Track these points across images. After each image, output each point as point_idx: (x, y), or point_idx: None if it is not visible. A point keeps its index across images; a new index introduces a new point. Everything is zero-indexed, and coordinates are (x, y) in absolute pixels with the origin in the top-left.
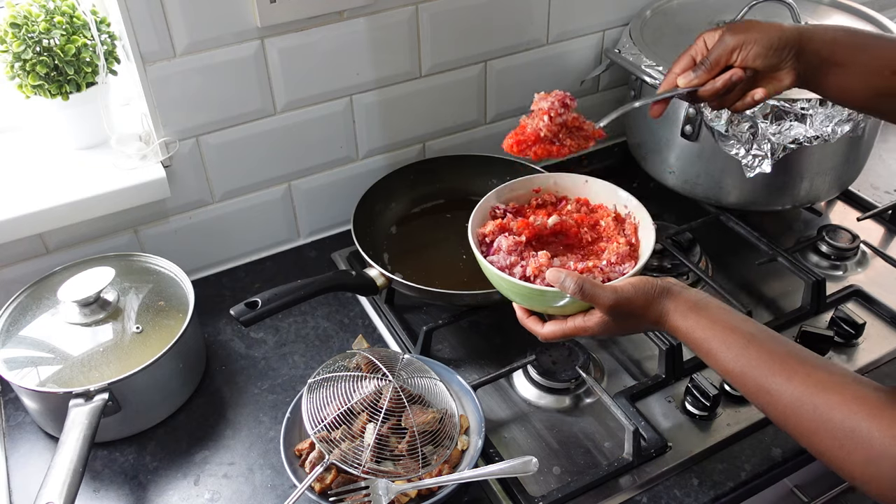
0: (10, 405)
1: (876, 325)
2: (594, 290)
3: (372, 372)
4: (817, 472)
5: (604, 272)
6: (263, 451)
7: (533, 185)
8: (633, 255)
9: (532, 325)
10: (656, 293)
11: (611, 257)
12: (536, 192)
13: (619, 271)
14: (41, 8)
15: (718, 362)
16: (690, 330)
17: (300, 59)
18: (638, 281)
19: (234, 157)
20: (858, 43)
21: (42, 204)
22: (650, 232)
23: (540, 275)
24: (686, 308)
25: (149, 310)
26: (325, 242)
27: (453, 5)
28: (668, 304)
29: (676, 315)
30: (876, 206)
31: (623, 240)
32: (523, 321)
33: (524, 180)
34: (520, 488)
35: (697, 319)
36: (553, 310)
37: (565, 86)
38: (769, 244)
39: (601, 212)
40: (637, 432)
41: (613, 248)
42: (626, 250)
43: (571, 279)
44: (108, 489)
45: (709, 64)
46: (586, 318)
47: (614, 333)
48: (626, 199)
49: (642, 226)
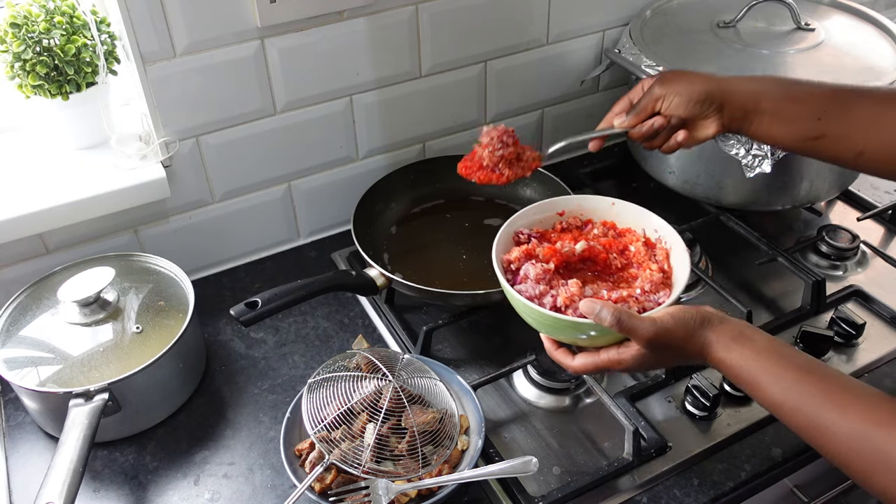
0: (10, 405)
1: (876, 325)
2: (632, 321)
3: (372, 372)
4: (817, 472)
5: (639, 301)
6: (263, 451)
7: (557, 207)
8: (667, 282)
9: (561, 358)
10: (696, 324)
11: (644, 285)
12: (560, 215)
13: (654, 300)
14: (41, 8)
15: (766, 396)
16: (735, 362)
17: (300, 59)
18: (677, 311)
19: (234, 157)
20: (783, 92)
21: (42, 204)
22: (684, 258)
23: (572, 305)
24: (729, 339)
25: (149, 310)
26: (325, 242)
27: (453, 5)
28: (709, 334)
29: (719, 346)
30: (876, 206)
31: (655, 266)
32: (551, 353)
33: (548, 203)
34: (520, 488)
35: (742, 351)
36: (584, 341)
37: (565, 86)
38: (769, 244)
39: (629, 236)
40: (637, 432)
41: (646, 275)
42: (660, 277)
43: (608, 310)
44: (108, 489)
45: (638, 109)
46: (621, 350)
47: (651, 367)
48: (656, 223)
49: (674, 251)
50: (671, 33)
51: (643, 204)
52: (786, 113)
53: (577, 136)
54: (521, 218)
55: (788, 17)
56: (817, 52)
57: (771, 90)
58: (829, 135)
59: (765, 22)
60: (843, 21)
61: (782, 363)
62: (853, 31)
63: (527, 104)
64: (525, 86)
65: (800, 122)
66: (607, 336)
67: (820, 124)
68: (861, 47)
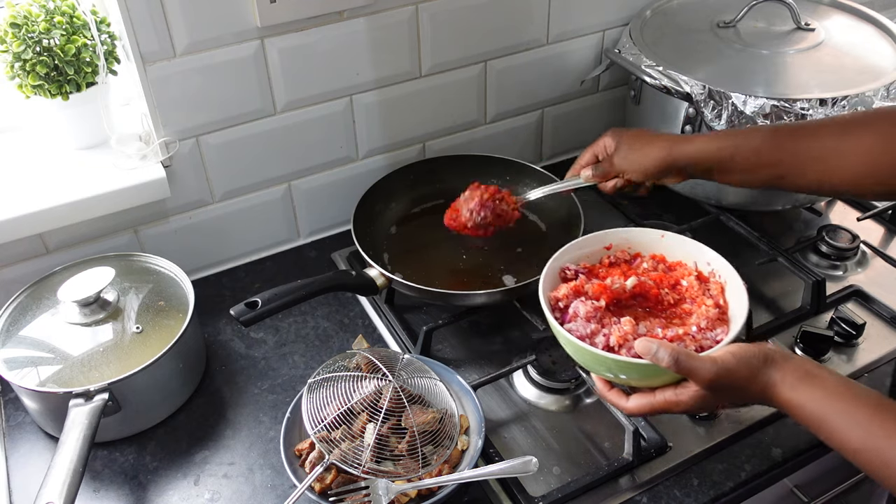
0: (10, 405)
1: (876, 325)
2: (691, 362)
3: (372, 372)
4: (817, 472)
5: (696, 340)
6: (263, 451)
7: (604, 241)
8: (723, 318)
9: (615, 399)
10: (759, 362)
11: (700, 322)
12: (607, 248)
13: (711, 338)
14: (41, 8)
15: (840, 439)
16: (803, 404)
17: (300, 59)
18: (738, 349)
19: (234, 157)
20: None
21: (42, 204)
22: (741, 292)
23: (625, 344)
24: (795, 378)
25: (149, 310)
26: (325, 242)
27: (453, 5)
28: (773, 374)
29: (785, 387)
30: (876, 206)
31: (710, 301)
32: (603, 394)
33: (594, 237)
34: (520, 488)
35: (811, 391)
36: (639, 382)
37: (565, 86)
38: (769, 244)
39: (681, 270)
40: (637, 432)
41: (702, 311)
42: (716, 313)
43: (665, 351)
44: (108, 489)
45: (600, 171)
46: (679, 391)
47: (710, 408)
48: (709, 256)
49: (730, 285)
50: (671, 33)
51: (643, 203)
52: (744, 168)
53: (553, 185)
54: (567, 253)
55: (788, 17)
56: (817, 52)
57: (726, 151)
58: (788, 175)
59: (765, 22)
60: (843, 21)
61: (854, 402)
62: (853, 31)
63: (527, 104)
64: (525, 86)
65: (759, 172)
66: (664, 376)
67: (779, 169)
68: (861, 47)
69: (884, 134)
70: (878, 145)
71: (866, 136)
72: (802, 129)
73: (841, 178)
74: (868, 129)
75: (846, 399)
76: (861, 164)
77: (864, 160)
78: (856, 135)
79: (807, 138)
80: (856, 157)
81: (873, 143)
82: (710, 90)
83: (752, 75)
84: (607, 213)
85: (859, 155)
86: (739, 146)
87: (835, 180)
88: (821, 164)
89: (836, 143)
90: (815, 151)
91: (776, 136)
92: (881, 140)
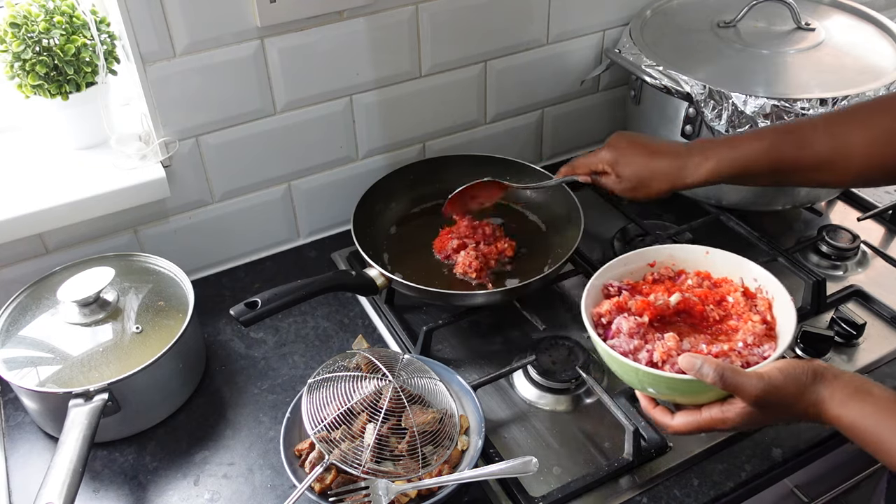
0: (10, 405)
1: (876, 325)
2: (737, 378)
3: (372, 372)
4: (818, 473)
5: (742, 356)
6: (263, 451)
7: (647, 258)
8: (770, 334)
9: (660, 417)
10: (808, 379)
11: (747, 338)
12: (651, 265)
13: (758, 354)
14: (41, 8)
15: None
16: (855, 420)
17: (300, 59)
18: (786, 365)
19: (234, 157)
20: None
21: (42, 204)
22: (789, 308)
23: (669, 360)
24: (845, 395)
25: (149, 310)
26: (325, 242)
27: (453, 5)
28: (822, 391)
29: (834, 403)
30: (876, 206)
31: (757, 317)
32: (648, 411)
33: (637, 254)
34: (520, 488)
35: (862, 407)
36: (684, 399)
37: (565, 86)
38: (769, 244)
39: (726, 286)
40: (637, 432)
41: (749, 327)
42: (763, 329)
43: (710, 366)
44: (107, 489)
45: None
46: (725, 408)
47: (758, 425)
48: (756, 272)
49: (778, 301)
50: (671, 33)
51: (643, 203)
52: (745, 180)
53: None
54: (610, 270)
55: (789, 17)
56: (817, 51)
57: (723, 170)
58: (785, 182)
59: (765, 22)
60: (844, 21)
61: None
62: (853, 30)
63: (527, 104)
64: (525, 86)
65: (760, 182)
66: (709, 393)
67: (777, 177)
68: (861, 47)
69: (886, 128)
70: (881, 137)
71: (872, 128)
72: (798, 131)
73: (846, 171)
74: (867, 123)
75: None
76: (867, 155)
77: (870, 151)
78: (859, 127)
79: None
80: (861, 153)
81: (877, 136)
82: (711, 90)
83: (753, 75)
84: (607, 213)
85: (863, 148)
86: (747, 165)
87: (837, 179)
88: (825, 165)
89: (834, 143)
90: (814, 157)
91: (775, 147)
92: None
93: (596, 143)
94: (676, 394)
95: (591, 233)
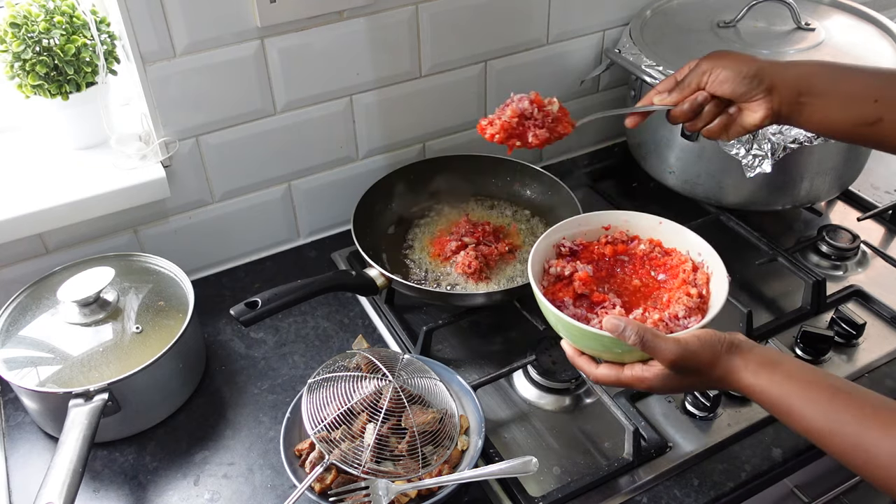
0: (10, 405)
1: (876, 325)
2: (656, 341)
3: (372, 372)
4: (817, 473)
5: (668, 327)
6: (263, 451)
7: (602, 221)
8: (703, 308)
9: (584, 365)
10: (724, 348)
11: (678, 311)
12: (606, 229)
13: (682, 325)
14: (41, 8)
15: (801, 421)
16: (765, 388)
17: (300, 59)
18: (704, 334)
19: (234, 157)
20: (837, 73)
21: (42, 204)
22: (723, 285)
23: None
24: (757, 365)
25: (149, 310)
26: (325, 242)
27: (453, 5)
28: (736, 360)
29: (747, 373)
30: (876, 206)
31: (695, 291)
32: (573, 359)
33: (593, 216)
34: (520, 488)
35: (771, 376)
36: (608, 355)
37: (565, 86)
38: (769, 244)
39: (676, 256)
40: (637, 432)
41: (684, 300)
42: (697, 303)
43: (632, 329)
44: (107, 489)
45: (682, 86)
46: (645, 368)
47: (674, 389)
48: (701, 247)
49: (715, 277)
50: (671, 33)
51: (643, 203)
52: (841, 95)
53: (611, 111)
54: (565, 228)
55: (788, 17)
56: (817, 52)
57: (823, 72)
58: (887, 119)
59: (765, 22)
60: (844, 21)
61: (815, 386)
62: (853, 30)
63: None
64: (525, 86)
65: (856, 105)
66: (633, 354)
67: (878, 106)
68: (861, 47)
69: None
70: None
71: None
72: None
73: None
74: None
75: (806, 382)
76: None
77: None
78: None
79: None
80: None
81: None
82: None
83: None
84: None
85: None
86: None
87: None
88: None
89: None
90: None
91: (882, 70)
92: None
93: (596, 142)
94: (602, 351)
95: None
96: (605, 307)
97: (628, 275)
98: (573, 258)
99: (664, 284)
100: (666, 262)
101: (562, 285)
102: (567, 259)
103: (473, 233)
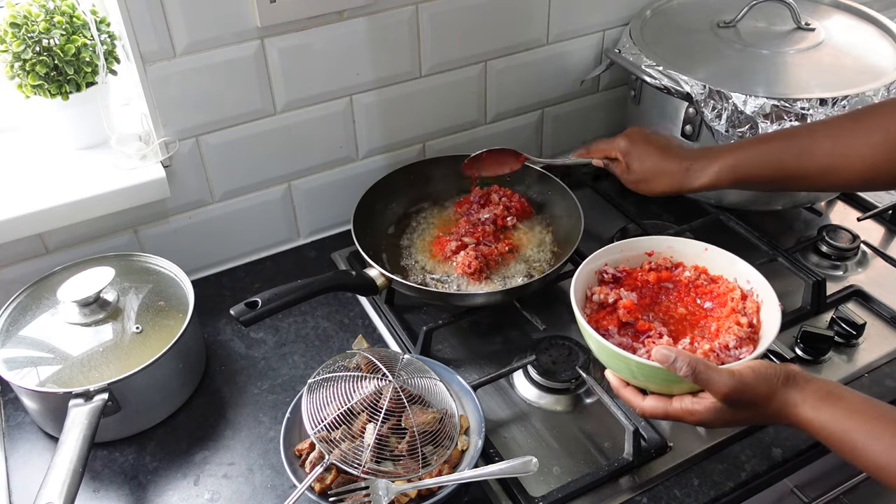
0: (10, 405)
1: (876, 325)
2: (709, 373)
3: (372, 372)
4: (817, 473)
5: (719, 358)
6: (263, 451)
7: (645, 247)
8: (753, 337)
9: (630, 397)
10: (780, 381)
11: (728, 341)
12: (649, 255)
13: (734, 356)
14: (41, 8)
15: (866, 458)
16: (826, 423)
17: (300, 59)
18: (759, 365)
19: (234, 157)
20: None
21: (42, 204)
22: (775, 314)
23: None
24: (817, 399)
25: (149, 310)
26: (325, 242)
27: (453, 5)
28: (794, 394)
29: (806, 407)
30: (876, 206)
31: (745, 320)
32: (618, 390)
33: (636, 241)
34: (520, 488)
35: (833, 411)
36: (655, 387)
37: (565, 86)
38: (769, 244)
39: (723, 283)
40: (637, 432)
41: (735, 330)
42: (747, 332)
43: (683, 360)
44: (107, 489)
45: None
46: (696, 401)
47: (727, 423)
48: (750, 274)
49: (766, 306)
50: (671, 33)
51: (643, 203)
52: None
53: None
54: (607, 254)
55: (789, 17)
56: (817, 51)
57: (724, 177)
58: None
59: (765, 22)
60: (844, 21)
61: (880, 420)
62: (853, 30)
63: (527, 104)
64: (525, 86)
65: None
66: (682, 385)
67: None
68: (861, 47)
69: (886, 130)
70: (883, 143)
71: (873, 134)
72: (800, 136)
73: (847, 177)
74: (868, 129)
75: (869, 417)
76: (869, 161)
77: (872, 157)
78: (860, 135)
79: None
80: (862, 159)
81: (880, 141)
82: (711, 90)
83: (753, 75)
84: (607, 213)
85: (865, 155)
86: (749, 172)
87: (841, 180)
88: (827, 171)
89: (838, 147)
90: (816, 164)
91: (776, 155)
92: (885, 138)
93: None
94: (649, 381)
95: (592, 233)
96: (651, 336)
97: (673, 302)
98: (616, 285)
99: (711, 313)
100: (712, 289)
101: (605, 313)
102: (610, 286)
103: (473, 233)
